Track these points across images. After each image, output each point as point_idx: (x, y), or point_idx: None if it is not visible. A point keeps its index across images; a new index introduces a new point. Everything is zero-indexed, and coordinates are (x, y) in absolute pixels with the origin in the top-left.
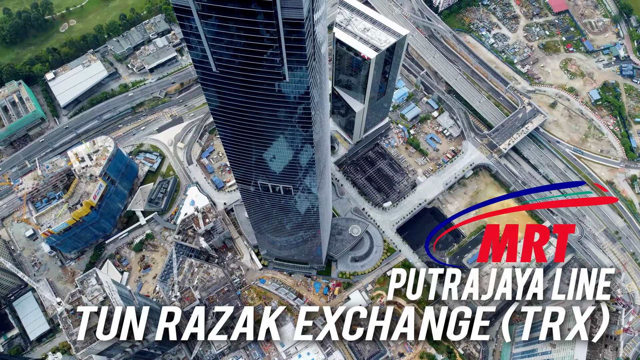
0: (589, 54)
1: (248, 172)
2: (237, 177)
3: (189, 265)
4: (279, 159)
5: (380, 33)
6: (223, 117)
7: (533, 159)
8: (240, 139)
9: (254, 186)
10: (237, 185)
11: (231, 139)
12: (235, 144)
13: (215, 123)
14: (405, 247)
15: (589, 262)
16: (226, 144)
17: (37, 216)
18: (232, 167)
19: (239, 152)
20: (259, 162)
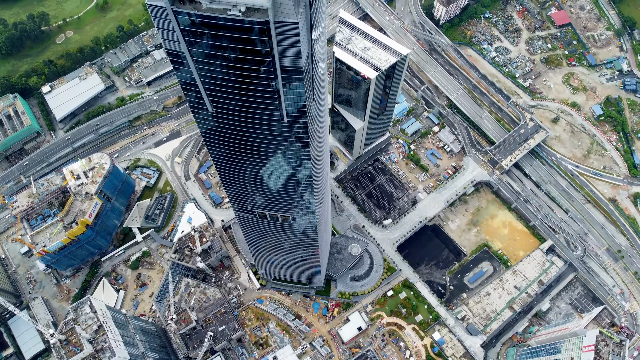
0: (592, 68)
1: (243, 195)
2: (232, 202)
3: (186, 285)
4: (275, 176)
5: (381, 52)
6: (216, 139)
7: (535, 175)
8: (234, 159)
9: (251, 213)
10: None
11: (225, 158)
12: (229, 163)
13: (208, 147)
14: (405, 266)
15: (592, 282)
16: (220, 163)
17: (32, 235)
18: (228, 193)
19: (232, 172)
20: (255, 179)
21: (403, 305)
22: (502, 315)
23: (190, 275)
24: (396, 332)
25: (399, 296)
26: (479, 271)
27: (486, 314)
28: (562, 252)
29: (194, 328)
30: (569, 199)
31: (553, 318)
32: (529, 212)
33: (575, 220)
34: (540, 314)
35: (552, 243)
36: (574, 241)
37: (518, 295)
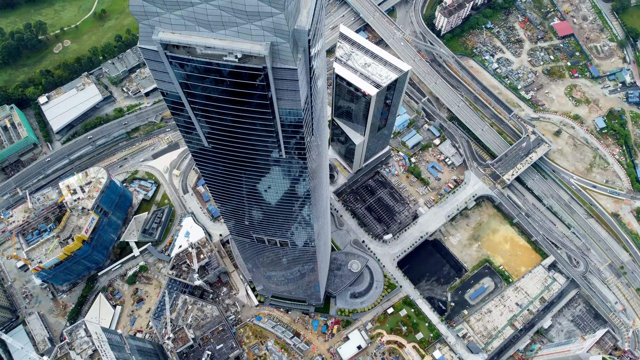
0: (595, 80)
1: (238, 213)
2: (227, 220)
3: (183, 302)
4: (273, 191)
5: (381, 68)
6: (209, 161)
7: (537, 189)
8: (227, 178)
9: (249, 238)
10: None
11: (217, 177)
12: (221, 183)
13: (198, 165)
14: (406, 282)
15: (594, 299)
16: (212, 181)
17: (28, 250)
18: (223, 214)
19: (225, 191)
20: (251, 196)
21: (403, 322)
22: (503, 333)
23: (188, 291)
24: (396, 350)
25: (399, 313)
26: (480, 287)
27: (487, 331)
28: (564, 268)
29: (191, 346)
30: (571, 213)
31: (555, 335)
32: (530, 227)
33: (578, 235)
34: (542, 331)
35: (554, 259)
36: (576, 257)
37: (520, 312)
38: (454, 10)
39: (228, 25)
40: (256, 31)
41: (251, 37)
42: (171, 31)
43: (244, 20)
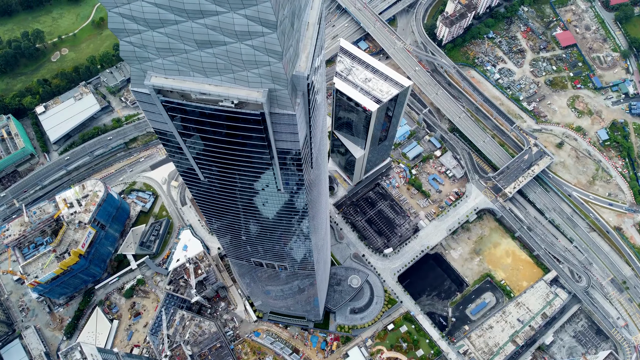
0: (597, 91)
1: (233, 235)
2: (221, 239)
3: (181, 317)
4: (269, 210)
5: (382, 84)
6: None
7: (539, 202)
8: (219, 199)
9: (247, 262)
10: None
11: (208, 197)
12: (213, 204)
13: (187, 185)
14: (406, 297)
15: (596, 314)
16: (202, 200)
17: (24, 265)
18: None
19: (218, 209)
20: (247, 214)
21: (404, 339)
22: (504, 350)
23: (185, 307)
24: None
25: (399, 329)
26: (482, 302)
27: (489, 348)
28: (566, 283)
29: None
30: (574, 227)
31: (557, 351)
32: (532, 241)
33: (580, 249)
34: (544, 347)
35: (556, 274)
36: (579, 271)
37: (521, 328)
38: (456, 20)
39: (224, 71)
40: (253, 78)
41: (248, 83)
42: (164, 76)
43: (241, 68)
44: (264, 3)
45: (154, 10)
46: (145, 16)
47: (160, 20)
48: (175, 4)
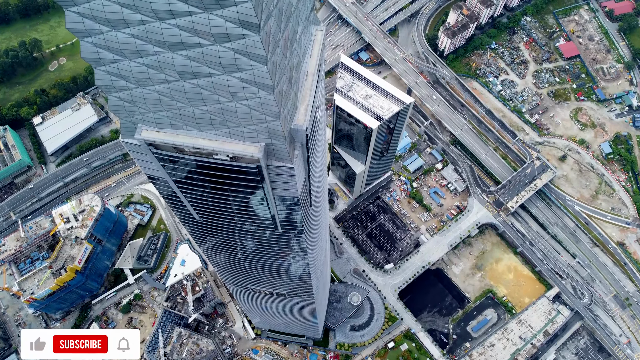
0: (601, 103)
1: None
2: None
3: (178, 335)
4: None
5: (383, 100)
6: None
7: (541, 217)
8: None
9: (242, 286)
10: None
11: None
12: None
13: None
14: (407, 314)
15: (598, 332)
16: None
17: (20, 281)
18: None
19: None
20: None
21: (404, 357)
22: None
23: (183, 324)
24: None
25: (400, 348)
26: (483, 319)
27: None
28: (569, 300)
29: None
30: (576, 242)
31: None
32: (534, 256)
33: (583, 265)
34: None
35: (558, 290)
36: (581, 288)
37: (523, 346)
38: (458, 31)
39: (218, 126)
40: (249, 133)
41: (244, 138)
42: (156, 129)
43: (236, 124)
44: (260, 68)
45: (144, 70)
46: (134, 75)
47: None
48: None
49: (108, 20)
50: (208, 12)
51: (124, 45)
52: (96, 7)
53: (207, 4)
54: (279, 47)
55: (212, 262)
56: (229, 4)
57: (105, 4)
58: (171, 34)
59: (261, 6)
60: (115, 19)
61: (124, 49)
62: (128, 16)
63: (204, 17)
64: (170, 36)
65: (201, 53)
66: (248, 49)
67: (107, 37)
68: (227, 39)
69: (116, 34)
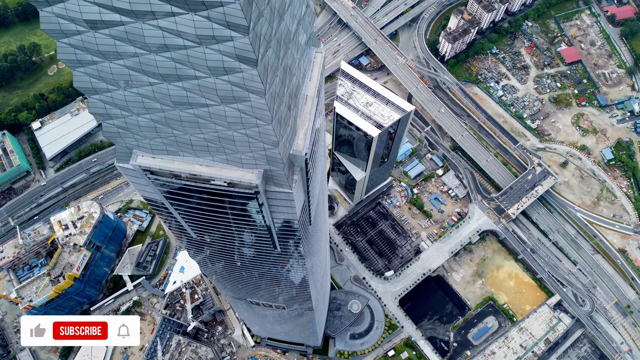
0: (602, 109)
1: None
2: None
3: (177, 343)
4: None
5: (384, 108)
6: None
7: (542, 223)
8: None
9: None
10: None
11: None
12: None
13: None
14: (407, 322)
15: (599, 339)
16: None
17: (18, 288)
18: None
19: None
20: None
21: None
22: None
23: (182, 331)
24: None
25: (400, 356)
26: (484, 327)
27: None
28: (570, 307)
29: None
30: (578, 249)
31: None
32: (536, 263)
33: (584, 272)
34: None
35: (559, 298)
36: (582, 295)
37: (524, 354)
38: (459, 36)
39: (215, 153)
40: (247, 160)
41: (242, 164)
42: (151, 155)
43: (233, 151)
44: (259, 100)
45: (139, 99)
46: (129, 104)
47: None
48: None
49: (100, 52)
50: (204, 46)
51: (117, 76)
52: (88, 39)
53: (203, 39)
54: (277, 77)
55: (208, 275)
56: (225, 39)
57: (97, 37)
58: (166, 67)
59: (259, 40)
60: (107, 51)
61: (118, 80)
62: (121, 48)
63: (199, 51)
64: (165, 68)
65: (197, 85)
66: (246, 83)
67: (100, 68)
68: (224, 72)
69: (109, 65)
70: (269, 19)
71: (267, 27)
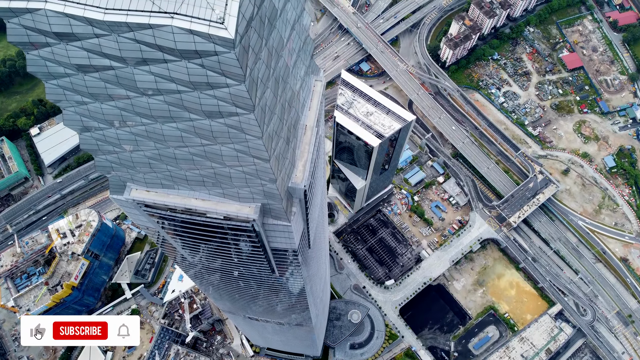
0: (604, 116)
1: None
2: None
3: (175, 353)
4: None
5: (384, 118)
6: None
7: (544, 232)
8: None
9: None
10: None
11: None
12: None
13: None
14: (408, 331)
15: (601, 349)
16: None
17: (16, 297)
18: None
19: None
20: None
21: None
22: None
23: (180, 341)
24: None
25: None
26: (485, 336)
27: None
28: (571, 317)
29: None
30: (579, 258)
31: None
32: (537, 272)
33: (585, 281)
34: None
35: (561, 307)
36: (584, 305)
37: None
38: (460, 42)
39: (211, 187)
40: (244, 194)
41: (239, 199)
42: (145, 189)
43: (230, 186)
44: (256, 141)
45: (131, 137)
46: (122, 142)
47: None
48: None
49: (90, 94)
50: (199, 92)
51: (108, 116)
52: (77, 82)
53: (197, 85)
54: (275, 115)
55: (201, 289)
56: (220, 86)
57: (87, 79)
58: (159, 109)
59: (255, 85)
60: (98, 93)
61: (109, 119)
62: (112, 91)
63: (194, 95)
64: (158, 110)
65: (192, 126)
66: (242, 126)
67: (91, 108)
68: (220, 115)
69: (100, 106)
70: (266, 60)
71: (265, 69)
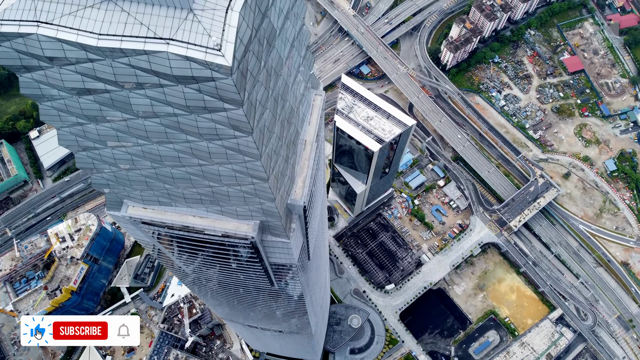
0: (605, 119)
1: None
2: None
3: (175, 357)
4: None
5: (385, 122)
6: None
7: (545, 236)
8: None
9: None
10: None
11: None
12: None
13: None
14: (408, 336)
15: (602, 354)
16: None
17: (15, 301)
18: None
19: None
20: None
21: None
22: None
23: (180, 346)
24: None
25: None
26: (485, 341)
27: None
28: (572, 322)
29: None
30: (580, 262)
31: None
32: (537, 277)
33: (586, 285)
34: None
35: (561, 312)
36: (585, 309)
37: None
38: (461, 45)
39: (209, 205)
40: (242, 212)
41: (237, 216)
42: (142, 206)
43: (228, 204)
44: (254, 162)
45: (128, 157)
46: (118, 161)
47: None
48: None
49: (85, 116)
50: (196, 115)
51: (104, 137)
52: (72, 104)
53: (194, 109)
54: (274, 134)
55: (198, 296)
56: (218, 110)
57: (81, 102)
58: (155, 130)
59: (254, 108)
60: (93, 115)
61: (105, 140)
62: (107, 113)
63: (191, 119)
64: (155, 132)
65: (189, 147)
66: (240, 148)
67: (86, 129)
68: (217, 138)
69: (95, 127)
70: (265, 82)
71: (263, 91)
